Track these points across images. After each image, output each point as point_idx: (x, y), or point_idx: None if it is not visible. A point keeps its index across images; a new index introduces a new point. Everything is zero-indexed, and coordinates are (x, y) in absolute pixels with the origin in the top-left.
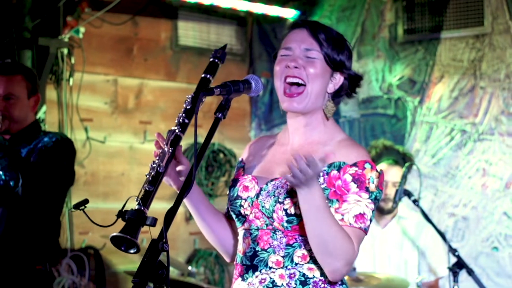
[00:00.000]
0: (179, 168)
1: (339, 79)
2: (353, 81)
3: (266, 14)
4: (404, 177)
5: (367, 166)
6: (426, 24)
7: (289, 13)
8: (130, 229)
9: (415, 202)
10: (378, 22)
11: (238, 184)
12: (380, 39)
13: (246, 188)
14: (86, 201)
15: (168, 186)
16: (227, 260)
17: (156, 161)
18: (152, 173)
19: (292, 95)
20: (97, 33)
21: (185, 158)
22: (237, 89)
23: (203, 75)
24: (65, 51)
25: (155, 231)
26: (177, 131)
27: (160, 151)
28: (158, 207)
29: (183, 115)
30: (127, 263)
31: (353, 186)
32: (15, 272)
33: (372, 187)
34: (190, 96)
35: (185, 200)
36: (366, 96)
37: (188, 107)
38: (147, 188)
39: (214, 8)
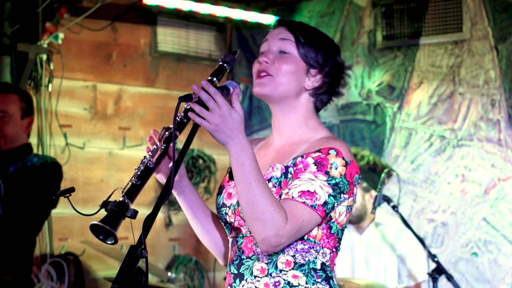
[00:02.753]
0: (171, 165)
1: (318, 77)
2: (334, 77)
3: (245, 20)
4: (382, 183)
5: (332, 152)
6: (405, 30)
7: (268, 19)
8: (110, 220)
9: (394, 208)
10: (357, 28)
11: (224, 191)
12: (359, 45)
13: (229, 195)
14: (72, 189)
15: (147, 192)
16: (221, 262)
17: (148, 157)
18: (142, 168)
19: (259, 77)
20: (76, 39)
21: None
22: None
23: (209, 78)
24: (44, 57)
25: (134, 238)
26: (172, 129)
27: (154, 147)
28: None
29: (182, 114)
30: (106, 269)
31: (312, 167)
32: None
33: (334, 172)
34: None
35: (177, 198)
36: (345, 102)
37: (188, 107)
38: (134, 182)
39: (193, 14)
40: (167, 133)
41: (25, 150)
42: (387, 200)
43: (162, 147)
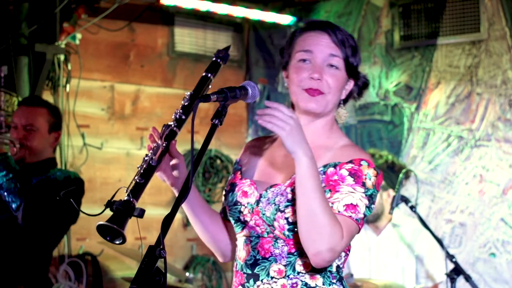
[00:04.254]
0: (173, 162)
1: (350, 86)
2: (363, 86)
3: (262, 20)
4: (400, 183)
5: (364, 163)
6: (423, 30)
7: (286, 19)
8: (117, 220)
9: (412, 208)
10: (375, 28)
11: (237, 188)
12: (376, 46)
13: (245, 194)
14: (75, 190)
15: (164, 193)
16: (221, 260)
17: (149, 154)
18: (144, 166)
19: (315, 94)
20: (93, 40)
21: (179, 153)
22: (233, 95)
23: (204, 74)
24: (62, 57)
25: (153, 238)
26: (172, 126)
27: (154, 145)
28: (155, 213)
29: (180, 111)
30: (124, 269)
31: (349, 179)
32: None
33: (368, 183)
34: (188, 93)
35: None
36: (362, 103)
37: (185, 104)
38: (137, 180)
39: (210, 15)
40: (167, 130)
41: (49, 164)
42: (405, 200)
43: (164, 144)
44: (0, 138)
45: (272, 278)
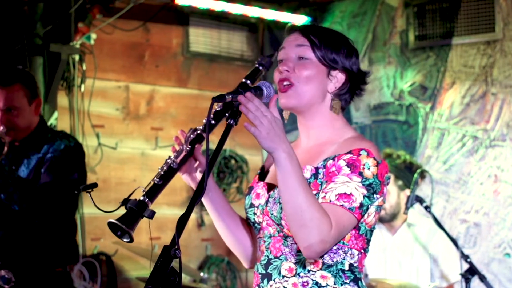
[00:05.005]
0: (197, 165)
1: (340, 77)
2: (356, 78)
3: (277, 20)
4: (415, 184)
5: (363, 153)
6: (437, 30)
7: (300, 19)
8: (127, 219)
9: (427, 208)
10: (389, 28)
11: (253, 191)
12: (391, 46)
13: (258, 196)
14: (95, 185)
15: (179, 193)
16: (246, 266)
17: (172, 157)
18: (165, 168)
19: (284, 90)
20: (108, 40)
21: (203, 157)
22: None
23: (243, 80)
24: (77, 57)
25: (167, 238)
26: (199, 130)
27: (180, 147)
28: (170, 213)
29: (211, 116)
30: (139, 269)
31: (345, 169)
32: (36, 276)
33: (367, 173)
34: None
35: (203, 201)
36: (377, 103)
37: (218, 109)
38: (156, 182)
39: (225, 15)
40: (193, 134)
41: (40, 132)
42: (420, 200)
43: (188, 148)
44: None
45: (283, 277)
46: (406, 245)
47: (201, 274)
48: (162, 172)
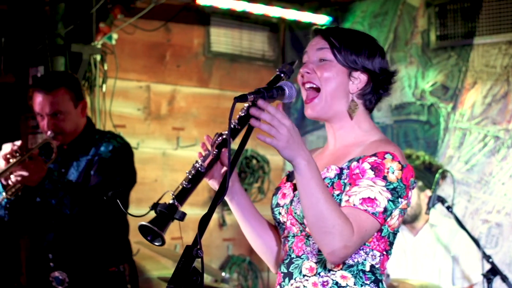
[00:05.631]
0: (223, 170)
1: (362, 78)
2: (378, 79)
3: (298, 20)
4: (436, 184)
5: (388, 156)
6: (459, 30)
7: (322, 20)
8: (159, 222)
9: (448, 208)
10: (411, 28)
11: (279, 191)
12: (412, 45)
13: (284, 196)
14: (122, 191)
15: (201, 193)
16: (273, 270)
17: (199, 161)
18: (193, 172)
19: (308, 101)
20: (130, 40)
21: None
22: (270, 95)
23: (261, 88)
24: (98, 57)
25: (190, 238)
26: (224, 135)
27: (206, 152)
28: (191, 213)
29: (236, 121)
30: (160, 269)
31: (370, 173)
32: (90, 276)
33: (391, 177)
34: (246, 105)
35: (229, 203)
36: (399, 102)
37: (242, 114)
38: (184, 185)
39: (246, 15)
40: (219, 138)
41: (88, 134)
42: (442, 200)
43: (214, 152)
44: (35, 147)
45: (304, 276)
46: (428, 246)
47: (223, 274)
48: (190, 176)
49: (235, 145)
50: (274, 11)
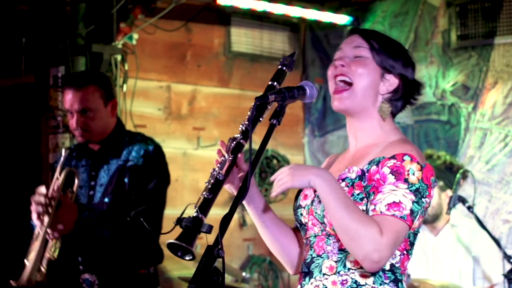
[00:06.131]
0: (241, 175)
1: (393, 81)
2: (409, 86)
3: (319, 20)
4: (457, 184)
5: (406, 158)
6: (480, 29)
7: (342, 19)
8: (186, 237)
9: (469, 208)
10: (431, 28)
11: (301, 193)
12: (433, 45)
13: (305, 197)
14: (144, 210)
15: (221, 193)
16: (291, 272)
17: (217, 169)
18: (212, 181)
19: (337, 92)
20: (150, 40)
21: (246, 165)
22: (291, 95)
23: (270, 83)
24: (119, 57)
25: (210, 238)
26: (238, 138)
27: (222, 158)
28: (212, 213)
29: (246, 122)
30: (181, 269)
31: (390, 177)
32: (119, 278)
33: (412, 178)
34: (254, 104)
35: (247, 207)
36: (419, 102)
37: (244, 128)
38: (205, 196)
39: (267, 15)
40: (233, 143)
41: (118, 135)
42: (462, 200)
43: (230, 158)
44: (60, 185)
45: (324, 274)
46: (449, 246)
47: (243, 274)
48: (209, 186)
49: (255, 144)
50: (295, 11)
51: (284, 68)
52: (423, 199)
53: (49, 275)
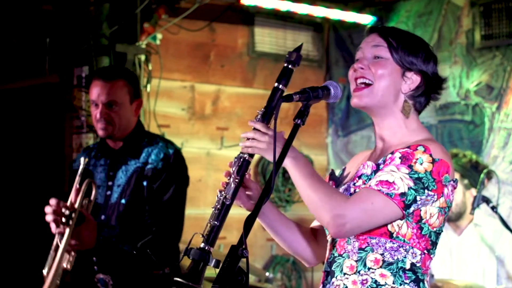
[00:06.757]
0: (248, 193)
1: (415, 79)
2: (431, 82)
3: (342, 20)
4: (481, 184)
5: (420, 148)
6: (504, 29)
7: (366, 19)
8: (194, 275)
9: (493, 208)
10: (455, 27)
11: None
12: (457, 45)
13: None
14: (151, 240)
15: None
16: (307, 265)
17: (223, 193)
18: (218, 206)
19: (357, 90)
20: (174, 40)
21: (254, 183)
22: (316, 95)
23: (275, 85)
24: (143, 57)
25: (234, 238)
26: (246, 156)
27: (228, 180)
28: (235, 213)
29: (246, 156)
30: None
31: (397, 160)
32: (134, 279)
33: (418, 167)
34: (260, 111)
35: (259, 220)
36: (443, 102)
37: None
38: (212, 224)
39: (290, 14)
40: (240, 162)
41: (138, 135)
42: (486, 200)
43: (236, 180)
44: (80, 200)
45: (344, 274)
46: (472, 246)
47: (267, 274)
48: (216, 212)
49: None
50: (318, 11)
51: (290, 66)
52: (425, 191)
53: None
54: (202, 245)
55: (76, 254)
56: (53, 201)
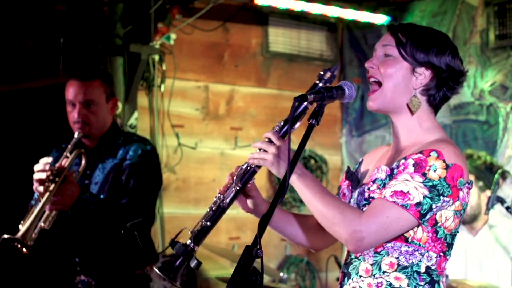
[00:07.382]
0: (249, 201)
1: (426, 74)
2: (443, 75)
3: (356, 20)
4: (496, 184)
5: (433, 154)
6: None
7: (380, 19)
8: (172, 269)
9: (508, 209)
10: (470, 27)
11: (340, 191)
12: (471, 45)
13: (344, 196)
14: (141, 222)
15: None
16: (312, 250)
17: (222, 196)
18: (214, 208)
19: (370, 93)
20: (188, 40)
21: (256, 191)
22: (330, 95)
23: (295, 97)
24: (157, 57)
25: (248, 238)
26: (254, 166)
27: (229, 182)
28: (248, 214)
29: (251, 168)
30: (218, 269)
31: (410, 168)
32: (116, 279)
33: (432, 174)
34: (279, 123)
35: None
36: (457, 102)
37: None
38: (203, 224)
39: (304, 14)
40: (244, 167)
41: (114, 134)
42: (501, 201)
43: (238, 186)
44: (69, 163)
45: (360, 276)
46: (487, 247)
47: (281, 274)
48: (211, 213)
49: (293, 145)
50: (332, 11)
51: (320, 84)
52: (441, 197)
53: (45, 276)
54: (188, 241)
55: (56, 214)
56: (43, 160)
